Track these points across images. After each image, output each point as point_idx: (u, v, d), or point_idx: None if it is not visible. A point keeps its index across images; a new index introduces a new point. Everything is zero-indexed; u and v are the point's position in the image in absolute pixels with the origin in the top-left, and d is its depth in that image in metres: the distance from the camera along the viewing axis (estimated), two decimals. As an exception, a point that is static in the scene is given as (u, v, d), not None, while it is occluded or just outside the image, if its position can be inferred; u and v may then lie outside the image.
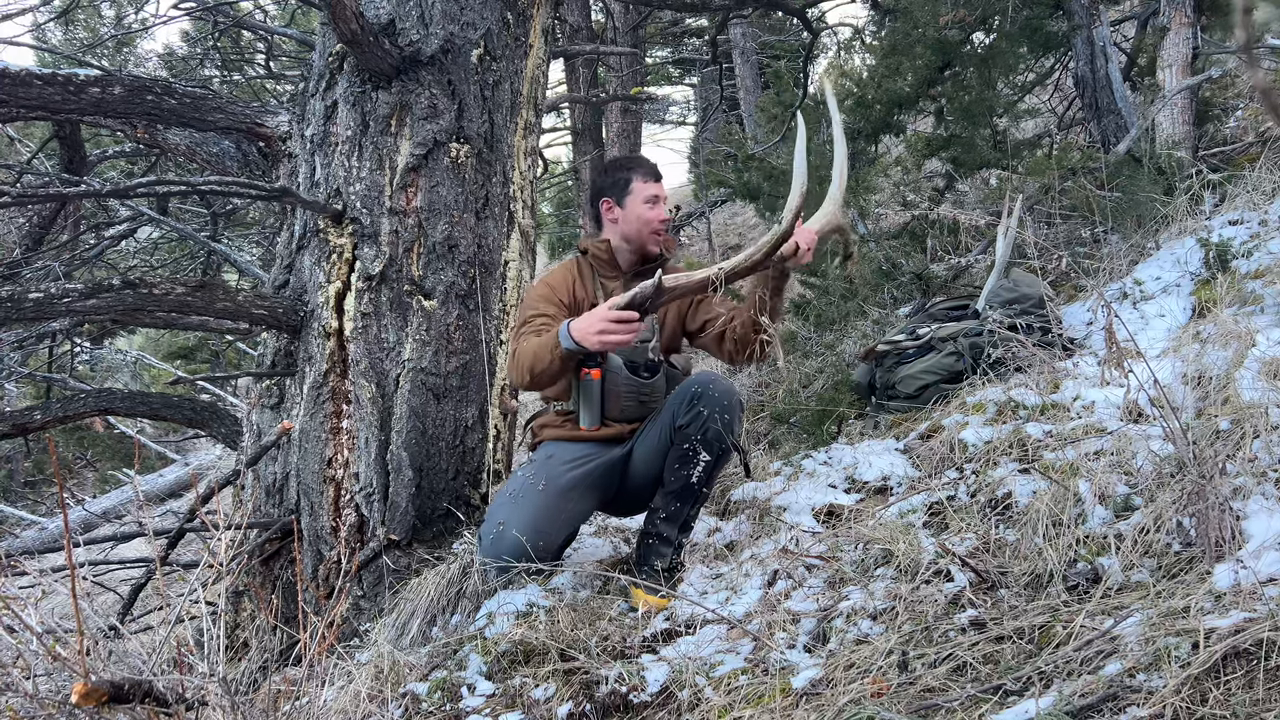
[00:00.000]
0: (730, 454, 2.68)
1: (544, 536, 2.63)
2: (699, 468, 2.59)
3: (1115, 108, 5.51)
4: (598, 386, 2.76)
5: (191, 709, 1.86)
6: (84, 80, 3.16)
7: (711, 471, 2.64)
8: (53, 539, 6.52)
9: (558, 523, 2.70)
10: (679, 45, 14.82)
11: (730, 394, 2.59)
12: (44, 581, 2.59)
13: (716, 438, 2.56)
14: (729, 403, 2.56)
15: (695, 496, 2.67)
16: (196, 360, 11.27)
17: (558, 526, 2.70)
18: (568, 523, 2.74)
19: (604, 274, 2.91)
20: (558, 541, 2.71)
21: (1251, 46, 0.79)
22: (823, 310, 5.26)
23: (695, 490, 2.64)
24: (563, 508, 2.71)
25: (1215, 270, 3.73)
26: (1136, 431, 2.66)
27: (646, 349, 2.82)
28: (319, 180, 3.43)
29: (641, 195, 2.85)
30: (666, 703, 1.99)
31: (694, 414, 2.56)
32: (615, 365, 2.78)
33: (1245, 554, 1.90)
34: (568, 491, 2.72)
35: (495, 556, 2.65)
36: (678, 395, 2.66)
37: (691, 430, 2.57)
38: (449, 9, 3.44)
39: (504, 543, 2.63)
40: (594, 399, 2.77)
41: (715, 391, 2.56)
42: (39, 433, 3.33)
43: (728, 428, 2.57)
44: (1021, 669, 1.71)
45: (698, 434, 2.56)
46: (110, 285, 3.01)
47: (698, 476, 2.61)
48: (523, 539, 2.59)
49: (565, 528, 2.74)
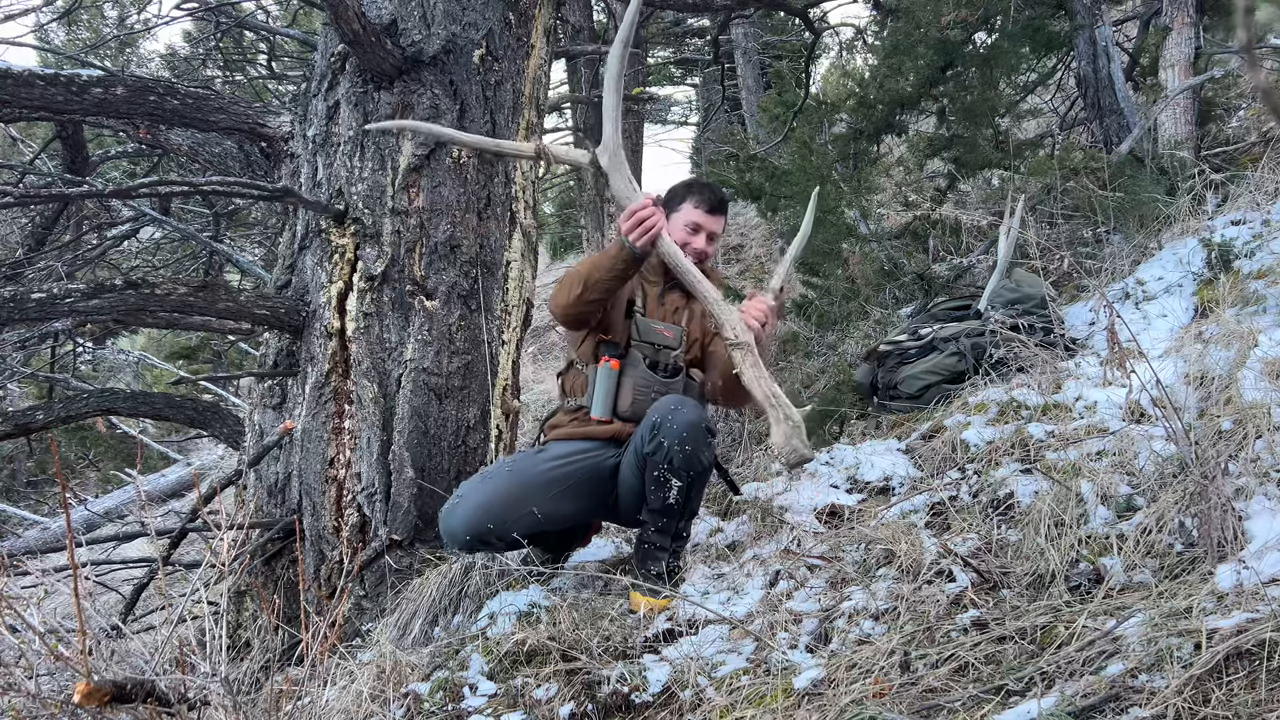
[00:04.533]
0: (706, 475, 2.65)
1: (494, 520, 2.60)
2: (673, 490, 2.59)
3: (1117, 108, 5.51)
4: (614, 377, 2.77)
5: (194, 709, 1.86)
6: (86, 81, 3.16)
7: (688, 493, 2.61)
8: (55, 539, 6.53)
9: (516, 511, 2.64)
10: (681, 45, 14.80)
11: (691, 424, 2.53)
12: (46, 581, 2.59)
13: (683, 465, 2.54)
14: (689, 433, 2.52)
15: (678, 513, 2.65)
16: (199, 360, 11.27)
17: (515, 515, 2.63)
18: (530, 517, 2.66)
19: (647, 276, 2.93)
20: (512, 530, 2.63)
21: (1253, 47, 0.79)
22: (825, 310, 5.26)
23: (675, 509, 2.63)
24: (527, 499, 2.65)
25: (1218, 270, 3.72)
26: (1139, 432, 2.65)
27: (670, 351, 2.83)
28: (321, 180, 3.43)
29: (687, 218, 2.86)
30: (668, 703, 1.99)
31: (656, 444, 2.55)
32: (635, 360, 2.79)
33: (1247, 554, 1.90)
34: (540, 486, 2.69)
35: (446, 528, 2.65)
36: (644, 421, 2.63)
37: (658, 458, 2.56)
38: (451, 9, 3.44)
39: (453, 516, 2.63)
40: (609, 389, 2.78)
41: (674, 422, 2.52)
42: (41, 433, 3.33)
43: (692, 456, 2.53)
44: (1024, 669, 1.71)
45: (664, 462, 2.55)
46: (113, 285, 3.01)
47: (674, 499, 2.60)
48: (472, 516, 2.59)
49: (527, 520, 2.66)
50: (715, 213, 2.87)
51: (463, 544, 2.64)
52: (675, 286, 2.91)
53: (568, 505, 2.75)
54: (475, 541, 2.63)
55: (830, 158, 5.36)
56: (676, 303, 2.93)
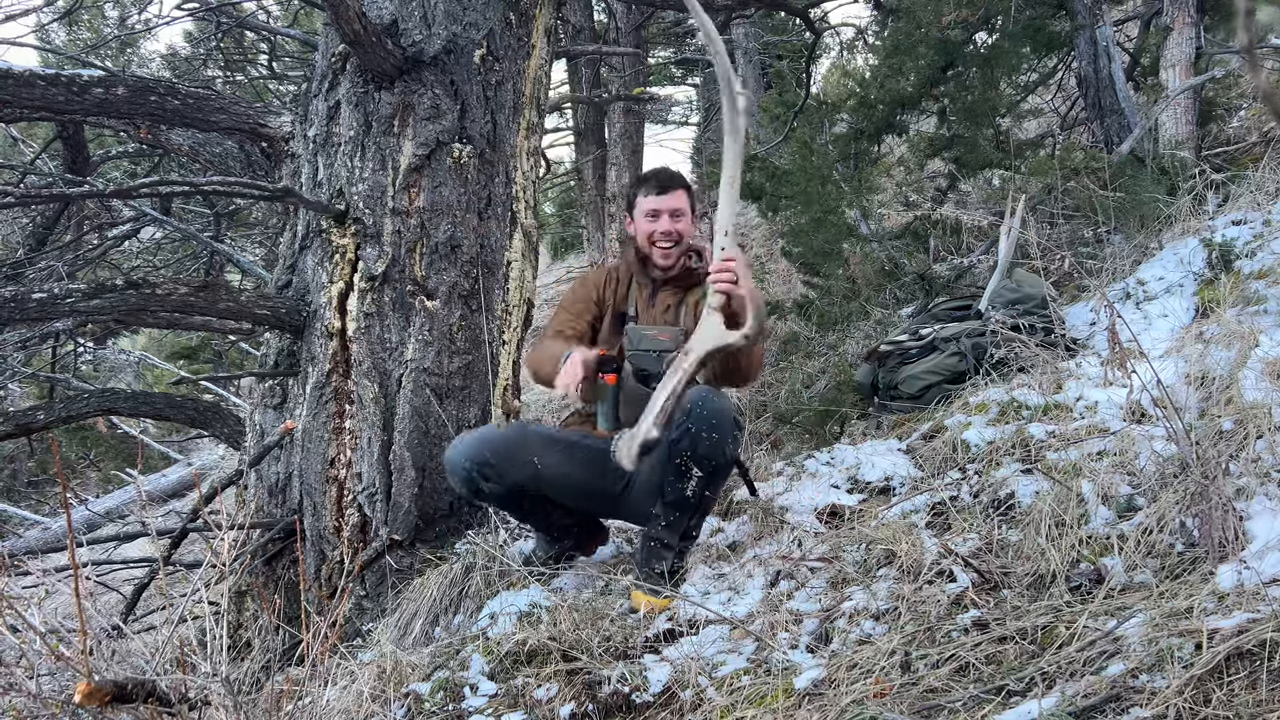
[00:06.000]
0: (727, 469, 2.67)
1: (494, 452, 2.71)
2: (693, 482, 2.60)
3: (1118, 108, 5.50)
4: (613, 392, 2.82)
5: (194, 709, 1.86)
6: (87, 81, 3.17)
7: (706, 486, 2.63)
8: (56, 539, 6.53)
9: (516, 454, 2.73)
10: (682, 45, 14.79)
11: (721, 412, 2.56)
12: (47, 581, 2.59)
13: (707, 454, 2.56)
14: (718, 420, 2.55)
15: (693, 508, 2.67)
16: (199, 360, 11.27)
17: (514, 457, 2.72)
18: (530, 466, 2.74)
19: (639, 278, 3.01)
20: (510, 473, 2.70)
21: (1254, 47, 0.79)
22: (825, 310, 5.25)
23: (691, 503, 2.64)
24: (527, 446, 2.75)
25: (1218, 270, 3.72)
26: (1139, 432, 2.65)
27: (668, 355, 2.83)
28: (322, 180, 3.44)
29: (642, 210, 2.93)
30: (669, 703, 1.99)
31: (683, 430, 2.57)
32: (627, 373, 2.83)
33: (1248, 554, 1.90)
34: (542, 440, 2.80)
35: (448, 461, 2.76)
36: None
37: (683, 446, 2.57)
38: (451, 9, 3.44)
39: (456, 449, 2.75)
40: (609, 403, 2.85)
41: (705, 410, 2.56)
42: (42, 433, 3.33)
43: (718, 445, 2.55)
44: (1024, 669, 1.71)
45: (689, 450, 2.57)
46: (113, 285, 3.01)
47: (692, 491, 2.61)
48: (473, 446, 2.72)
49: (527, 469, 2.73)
50: (666, 191, 2.90)
51: (463, 474, 2.71)
52: (666, 284, 2.96)
53: (566, 467, 2.79)
54: (474, 472, 2.69)
55: (831, 158, 5.36)
56: (668, 300, 2.95)
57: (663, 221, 2.88)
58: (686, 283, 2.95)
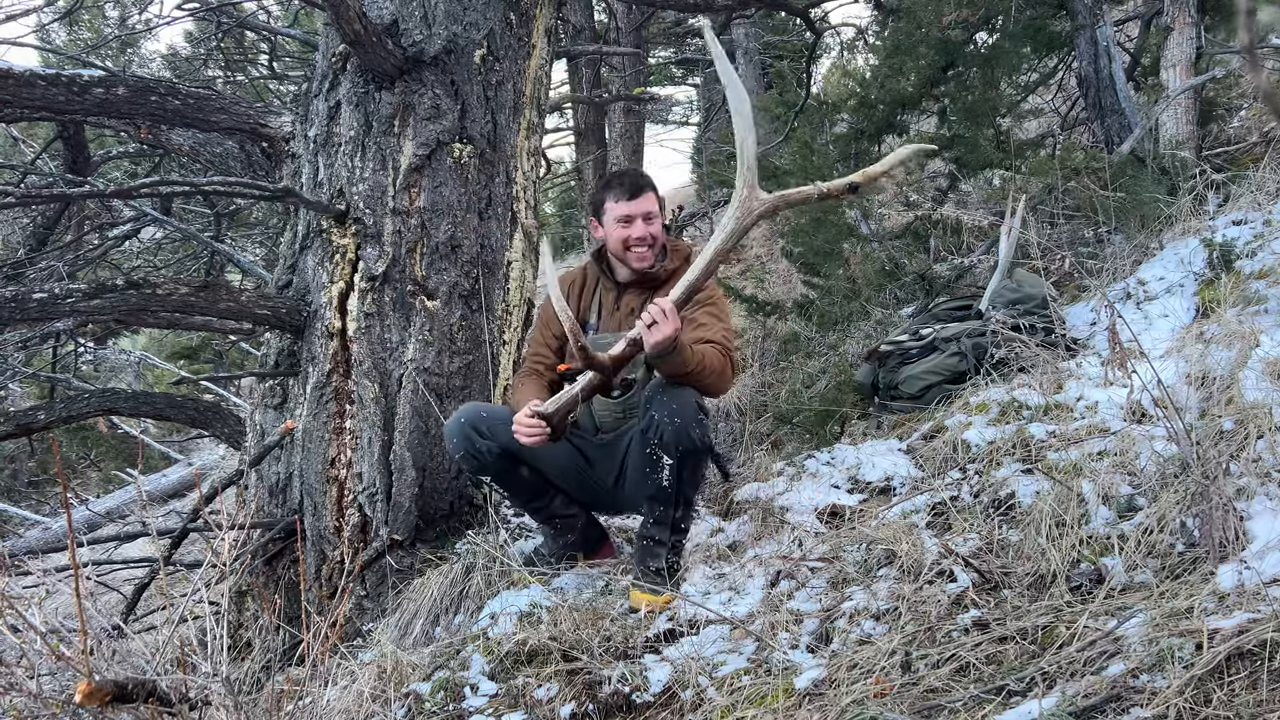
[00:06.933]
0: (696, 455, 2.64)
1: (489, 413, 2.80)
2: (665, 471, 2.61)
3: (1119, 108, 5.50)
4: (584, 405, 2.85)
5: (195, 709, 1.86)
6: (88, 81, 3.17)
7: (680, 473, 2.62)
8: (56, 538, 6.53)
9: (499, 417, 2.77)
10: (682, 45, 14.79)
11: (681, 398, 2.57)
12: (48, 581, 2.60)
13: (674, 440, 2.56)
14: (679, 405, 2.56)
15: (671, 499, 2.66)
16: (200, 360, 11.27)
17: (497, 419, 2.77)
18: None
19: (605, 282, 3.03)
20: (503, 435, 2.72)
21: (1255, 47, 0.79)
22: (825, 310, 5.25)
23: (669, 493, 2.64)
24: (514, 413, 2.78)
25: (1219, 270, 3.72)
26: (1140, 432, 2.65)
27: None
28: (322, 180, 3.44)
29: (613, 215, 2.91)
30: (669, 703, 2.00)
31: (648, 419, 2.60)
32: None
33: (1249, 555, 1.90)
34: None
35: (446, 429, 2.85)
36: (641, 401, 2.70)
37: (650, 434, 2.59)
38: (452, 9, 3.44)
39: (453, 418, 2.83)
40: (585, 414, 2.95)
41: (665, 396, 2.58)
42: (43, 433, 3.33)
43: (682, 430, 2.55)
44: (1025, 669, 1.71)
45: (655, 438, 2.59)
46: (114, 285, 3.01)
47: (668, 480, 2.62)
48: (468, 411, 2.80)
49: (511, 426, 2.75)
50: (636, 195, 2.89)
51: (459, 435, 2.76)
52: (630, 286, 2.97)
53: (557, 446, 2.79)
54: (469, 428, 2.74)
55: (831, 158, 5.36)
56: (633, 303, 2.94)
57: (637, 227, 2.87)
58: (652, 283, 2.94)
